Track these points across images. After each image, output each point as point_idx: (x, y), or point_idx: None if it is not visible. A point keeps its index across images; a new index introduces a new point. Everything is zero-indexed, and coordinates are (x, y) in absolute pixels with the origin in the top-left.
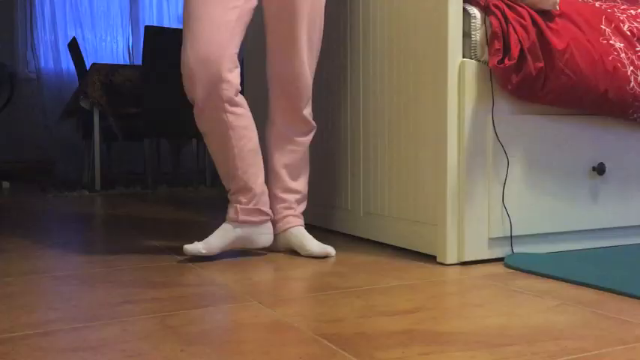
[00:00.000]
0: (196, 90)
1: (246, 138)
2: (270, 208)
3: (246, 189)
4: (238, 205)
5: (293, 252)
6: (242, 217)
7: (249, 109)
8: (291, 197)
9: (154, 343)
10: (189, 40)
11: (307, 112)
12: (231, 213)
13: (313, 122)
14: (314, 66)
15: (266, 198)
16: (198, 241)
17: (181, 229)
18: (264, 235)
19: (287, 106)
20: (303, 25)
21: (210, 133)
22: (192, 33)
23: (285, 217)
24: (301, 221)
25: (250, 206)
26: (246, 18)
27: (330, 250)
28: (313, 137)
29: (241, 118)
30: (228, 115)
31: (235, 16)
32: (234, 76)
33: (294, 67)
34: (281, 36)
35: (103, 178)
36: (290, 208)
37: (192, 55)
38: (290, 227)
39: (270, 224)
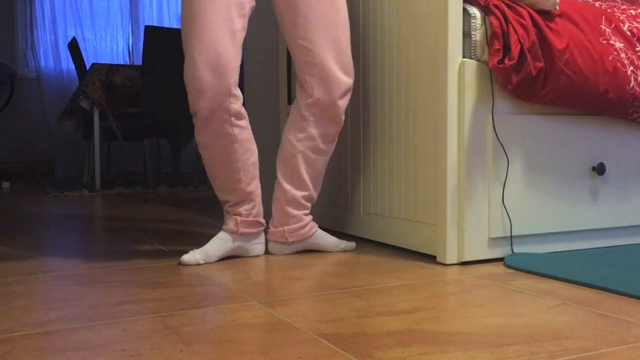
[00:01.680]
0: (203, 102)
1: (249, 151)
2: (286, 211)
3: (247, 201)
4: (238, 218)
5: (301, 253)
6: (242, 230)
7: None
8: (310, 204)
9: (154, 343)
10: (197, 49)
11: (342, 103)
12: (231, 225)
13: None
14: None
15: (262, 208)
16: (196, 246)
17: (181, 230)
18: (259, 245)
19: (323, 100)
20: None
21: (213, 146)
22: (202, 42)
23: (307, 223)
24: None
25: (250, 218)
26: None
27: (353, 244)
28: None
29: (245, 131)
30: (234, 128)
31: (241, 25)
32: (239, 90)
33: (340, 45)
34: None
35: (103, 178)
36: (309, 213)
37: (202, 66)
38: (316, 230)
39: (263, 233)
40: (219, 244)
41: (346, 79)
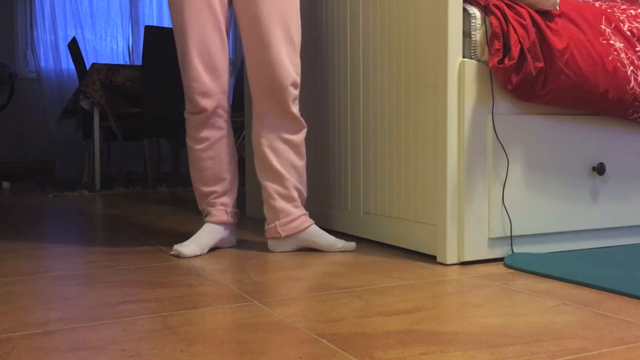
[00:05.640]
0: (207, 102)
1: (233, 146)
2: (274, 208)
3: (231, 192)
4: (227, 209)
5: (299, 251)
6: (231, 220)
7: None
8: (297, 196)
9: (154, 343)
10: (194, 53)
11: (296, 110)
12: (220, 215)
13: (303, 121)
14: (297, 61)
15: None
16: (196, 246)
17: (181, 229)
18: (233, 236)
19: (274, 105)
20: (273, 17)
21: (208, 140)
22: (197, 48)
23: (299, 216)
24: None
25: (234, 209)
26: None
27: (353, 244)
28: (312, 137)
29: (230, 127)
30: (227, 123)
31: (226, 24)
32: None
33: (270, 56)
34: (250, 25)
35: (103, 178)
36: (299, 207)
37: (202, 69)
38: (308, 226)
39: (234, 225)
40: (210, 235)
41: (294, 77)
